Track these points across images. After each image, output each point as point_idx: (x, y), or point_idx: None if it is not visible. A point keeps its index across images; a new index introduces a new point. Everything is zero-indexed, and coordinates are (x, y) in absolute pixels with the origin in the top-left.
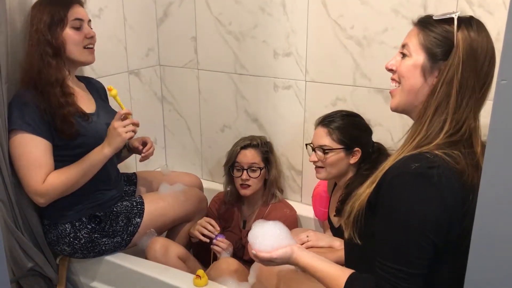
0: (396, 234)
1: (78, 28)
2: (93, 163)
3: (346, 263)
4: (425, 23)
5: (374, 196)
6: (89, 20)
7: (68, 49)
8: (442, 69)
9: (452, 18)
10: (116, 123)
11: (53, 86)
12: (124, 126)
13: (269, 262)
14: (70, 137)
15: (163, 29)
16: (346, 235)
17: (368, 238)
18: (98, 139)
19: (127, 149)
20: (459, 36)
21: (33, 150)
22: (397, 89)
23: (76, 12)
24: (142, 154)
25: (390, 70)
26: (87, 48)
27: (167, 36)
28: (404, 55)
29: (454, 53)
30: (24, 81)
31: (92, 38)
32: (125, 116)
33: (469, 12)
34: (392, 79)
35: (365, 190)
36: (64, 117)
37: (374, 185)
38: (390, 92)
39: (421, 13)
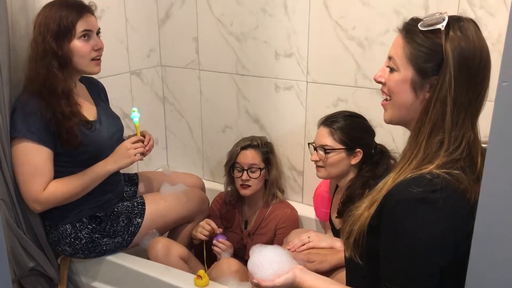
0: (403, 260)
1: (86, 39)
2: (95, 178)
3: (348, 280)
4: (410, 33)
5: (375, 219)
6: (99, 28)
7: (74, 60)
8: (434, 84)
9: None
10: (129, 145)
11: (59, 97)
12: (135, 149)
13: None
14: (73, 148)
15: (165, 29)
16: (347, 254)
17: (370, 258)
18: (100, 147)
19: None
20: (448, 48)
21: (36, 158)
22: (389, 103)
23: (86, 22)
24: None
25: (379, 82)
26: (94, 59)
27: (169, 37)
28: (391, 69)
29: (444, 69)
30: (28, 88)
31: (100, 50)
32: (138, 140)
33: (470, 14)
34: (382, 91)
35: (363, 212)
36: (69, 129)
37: (374, 206)
38: (382, 105)
39: (423, 14)
